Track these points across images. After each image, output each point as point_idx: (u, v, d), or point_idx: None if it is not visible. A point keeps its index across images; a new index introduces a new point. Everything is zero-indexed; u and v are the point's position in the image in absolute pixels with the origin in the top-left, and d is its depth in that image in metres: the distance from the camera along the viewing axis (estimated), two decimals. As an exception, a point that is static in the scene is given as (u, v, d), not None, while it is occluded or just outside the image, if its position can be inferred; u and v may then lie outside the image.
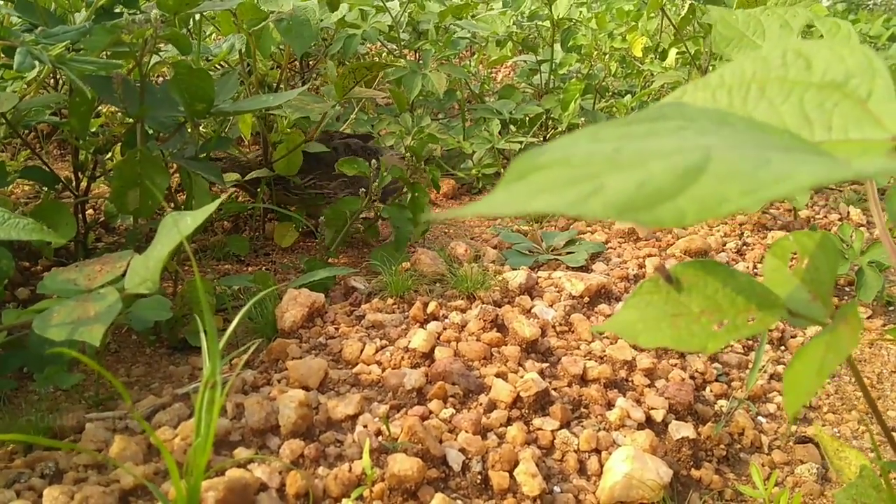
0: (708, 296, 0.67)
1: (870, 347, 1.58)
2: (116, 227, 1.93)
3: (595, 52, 2.60)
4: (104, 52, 1.46)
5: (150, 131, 1.58)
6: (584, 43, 2.67)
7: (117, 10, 1.62)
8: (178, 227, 0.98)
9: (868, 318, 1.71)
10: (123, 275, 1.04)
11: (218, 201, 0.97)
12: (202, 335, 0.78)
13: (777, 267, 0.73)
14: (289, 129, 2.02)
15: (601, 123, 0.42)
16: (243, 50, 1.94)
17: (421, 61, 2.67)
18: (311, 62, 3.05)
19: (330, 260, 1.91)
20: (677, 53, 2.84)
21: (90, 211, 2.02)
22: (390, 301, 1.42)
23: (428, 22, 3.38)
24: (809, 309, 0.68)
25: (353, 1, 2.49)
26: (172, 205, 1.86)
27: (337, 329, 1.32)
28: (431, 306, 1.34)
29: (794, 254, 0.72)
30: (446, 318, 1.34)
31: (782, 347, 1.52)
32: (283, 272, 1.85)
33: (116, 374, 1.40)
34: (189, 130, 1.56)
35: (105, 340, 1.45)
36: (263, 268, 1.89)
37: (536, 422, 1.08)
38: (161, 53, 1.64)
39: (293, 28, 1.76)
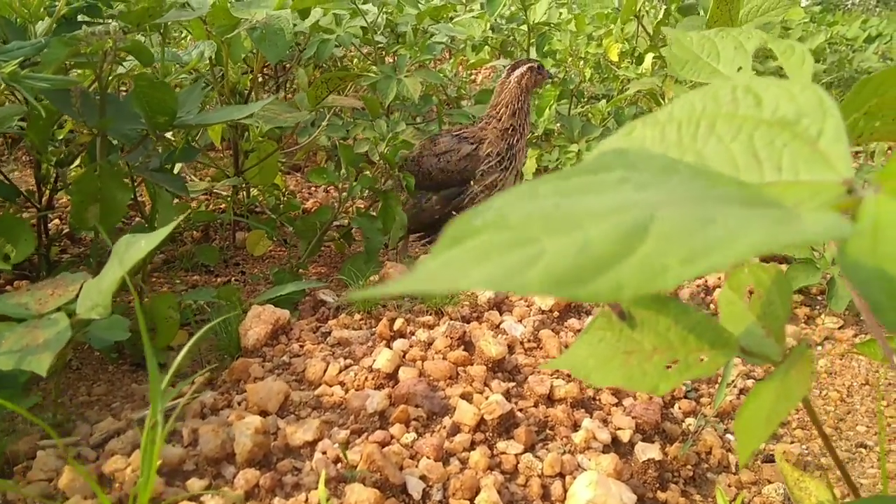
0: (660, 333, 0.66)
1: (840, 360, 1.58)
2: (82, 238, 1.89)
3: (570, 59, 2.58)
4: (65, 63, 1.43)
5: (115, 142, 1.55)
6: (559, 48, 2.65)
7: (81, 20, 1.58)
8: (129, 252, 0.95)
9: (839, 328, 1.71)
10: (77, 298, 1.02)
11: (172, 224, 0.95)
12: (150, 362, 0.76)
13: (733, 300, 0.72)
14: (261, 138, 1.99)
15: (542, 178, 0.40)
16: (213, 57, 1.91)
17: (396, 66, 2.64)
18: (286, 65, 3.02)
19: (301, 270, 1.89)
20: (654, 58, 2.84)
21: (56, 220, 1.98)
22: (357, 317, 1.40)
23: (406, 24, 3.36)
24: (763, 346, 0.67)
25: (328, 6, 2.45)
26: (139, 216, 1.83)
27: (302, 347, 1.30)
28: (398, 323, 1.32)
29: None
30: (413, 335, 1.32)
31: (753, 361, 1.52)
32: (252, 283, 1.82)
33: (77, 392, 1.38)
34: (153, 141, 1.53)
35: (65, 359, 1.42)
36: (233, 279, 1.86)
37: (500, 445, 1.07)
38: (126, 63, 1.61)
39: (267, 36, 1.73)
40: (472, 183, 1.94)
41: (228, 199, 1.97)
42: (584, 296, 0.30)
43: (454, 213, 1.94)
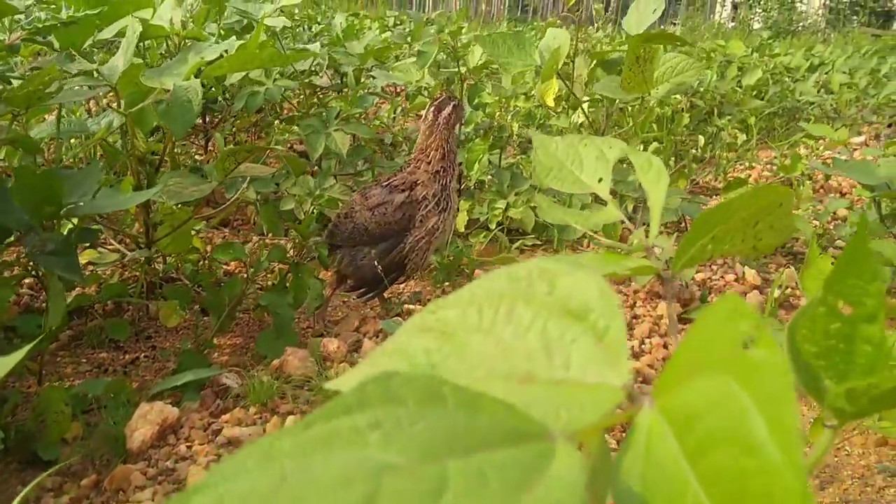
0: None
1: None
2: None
3: (498, 113, 2.59)
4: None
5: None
6: (489, 101, 2.66)
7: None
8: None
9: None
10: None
11: (20, 353, 0.91)
12: None
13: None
14: (175, 207, 1.95)
15: (286, 429, 0.37)
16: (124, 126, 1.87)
17: (326, 119, 2.62)
18: (217, 117, 2.98)
19: (216, 341, 1.85)
20: (589, 105, 2.85)
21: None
22: (252, 410, 1.37)
23: (349, 65, 3.35)
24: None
25: (263, 65, 2.40)
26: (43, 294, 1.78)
27: (189, 448, 1.27)
28: (290, 421, 1.29)
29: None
30: (306, 430, 1.29)
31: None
32: (161, 360, 1.78)
33: (-41, 496, 1.32)
34: (41, 230, 1.49)
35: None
36: (142, 355, 1.81)
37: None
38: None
39: (173, 110, 1.68)
40: (412, 230, 1.90)
41: (141, 267, 1.93)
42: None
43: (396, 263, 1.90)
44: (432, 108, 1.91)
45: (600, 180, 0.90)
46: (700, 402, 0.37)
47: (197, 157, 2.93)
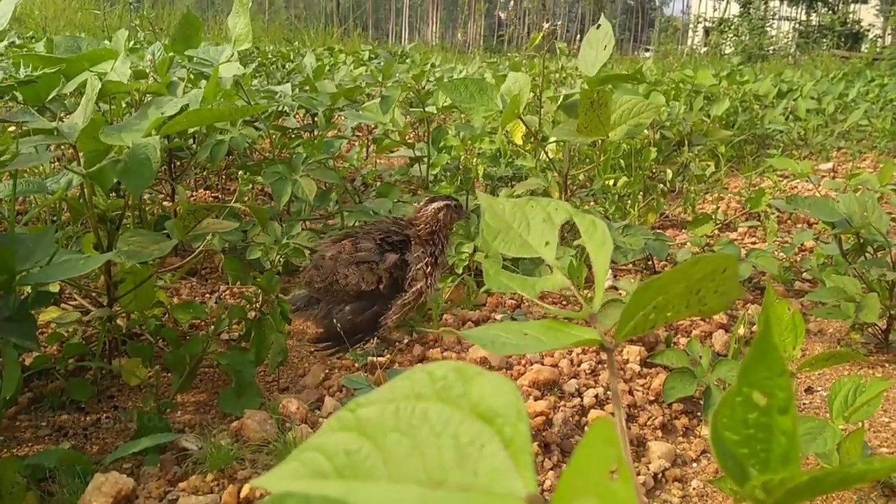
0: None
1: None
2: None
3: (463, 155, 2.61)
4: None
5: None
6: (454, 144, 2.67)
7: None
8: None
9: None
10: None
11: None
12: None
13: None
14: (136, 265, 1.94)
15: None
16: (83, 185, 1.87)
17: (291, 165, 2.63)
18: (184, 164, 2.98)
19: (179, 398, 1.84)
20: (557, 144, 2.88)
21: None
22: (210, 477, 1.35)
23: (319, 106, 3.37)
24: None
25: (221, 119, 2.41)
26: None
27: (144, 520, 1.25)
28: (247, 489, 1.28)
29: None
30: (264, 497, 1.27)
31: None
32: (123, 421, 1.75)
33: None
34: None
35: None
36: (104, 415, 1.79)
37: None
38: None
39: (131, 168, 1.68)
40: (398, 293, 1.90)
41: (103, 326, 1.91)
42: None
43: (370, 325, 1.89)
44: (425, 200, 1.95)
45: (547, 244, 0.90)
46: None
47: (165, 203, 2.92)
